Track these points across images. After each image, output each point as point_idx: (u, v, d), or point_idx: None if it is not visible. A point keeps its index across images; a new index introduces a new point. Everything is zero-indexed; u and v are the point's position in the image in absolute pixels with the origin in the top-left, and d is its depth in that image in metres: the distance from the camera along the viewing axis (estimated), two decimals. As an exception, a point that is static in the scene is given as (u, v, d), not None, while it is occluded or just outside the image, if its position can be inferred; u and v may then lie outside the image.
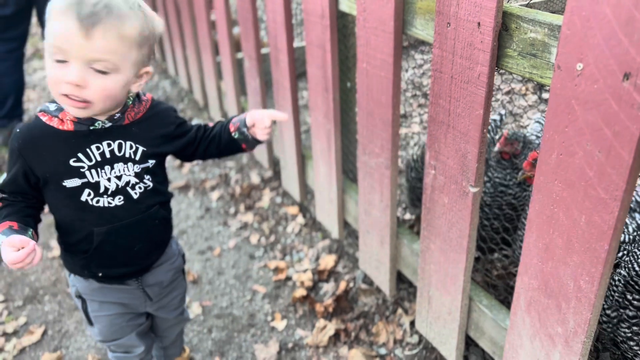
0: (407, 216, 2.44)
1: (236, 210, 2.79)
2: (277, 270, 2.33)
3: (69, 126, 1.18)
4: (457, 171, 1.34)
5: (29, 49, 5.63)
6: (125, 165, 1.24)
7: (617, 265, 1.30)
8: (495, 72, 1.19)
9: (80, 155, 1.19)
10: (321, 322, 2.00)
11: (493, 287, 1.86)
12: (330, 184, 2.14)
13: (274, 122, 1.41)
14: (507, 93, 2.90)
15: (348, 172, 2.26)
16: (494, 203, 1.67)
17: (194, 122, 3.80)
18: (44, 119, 1.19)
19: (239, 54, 3.36)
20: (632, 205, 1.37)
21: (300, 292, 2.14)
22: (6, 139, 3.54)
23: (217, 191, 2.97)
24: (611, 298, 1.24)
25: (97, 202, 1.23)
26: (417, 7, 1.36)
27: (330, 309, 2.04)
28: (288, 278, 2.28)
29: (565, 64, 0.96)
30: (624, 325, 1.20)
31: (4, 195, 1.21)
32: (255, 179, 3.00)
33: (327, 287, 2.19)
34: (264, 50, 3.10)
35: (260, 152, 2.94)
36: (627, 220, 1.34)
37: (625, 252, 1.29)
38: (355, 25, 1.60)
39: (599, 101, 0.92)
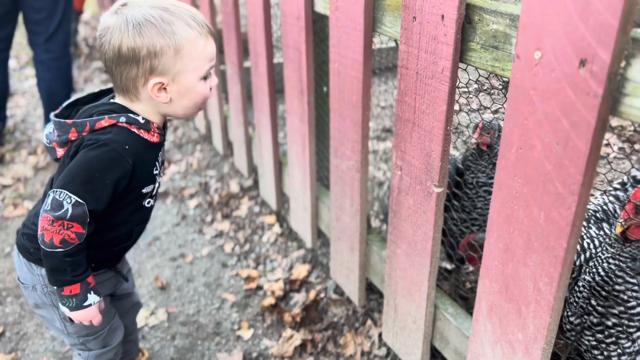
0: (383, 226, 2.40)
1: (213, 218, 2.73)
2: (248, 279, 2.27)
3: (156, 138, 1.24)
4: (422, 171, 1.30)
5: (22, 58, 5.63)
6: (163, 168, 1.33)
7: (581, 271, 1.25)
8: (460, 67, 1.16)
9: (157, 163, 1.27)
10: (288, 332, 1.93)
11: (464, 300, 1.80)
12: (304, 190, 2.09)
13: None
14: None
15: (324, 179, 2.22)
16: (473, 207, 1.61)
17: (179, 130, 3.79)
18: (136, 131, 1.19)
19: (222, 66, 3.35)
20: (600, 216, 1.33)
21: (269, 301, 2.07)
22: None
23: (195, 199, 2.92)
24: (575, 304, 1.19)
25: (149, 203, 1.31)
26: (387, 4, 1.34)
27: (299, 319, 1.98)
28: (259, 287, 2.22)
29: (524, 53, 0.93)
30: (588, 333, 1.15)
31: (85, 233, 1.15)
32: (234, 187, 2.95)
33: (298, 297, 2.12)
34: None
35: (240, 160, 2.90)
36: (594, 232, 1.30)
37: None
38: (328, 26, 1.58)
39: (556, 90, 0.89)
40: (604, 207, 1.31)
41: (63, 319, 1.34)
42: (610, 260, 1.10)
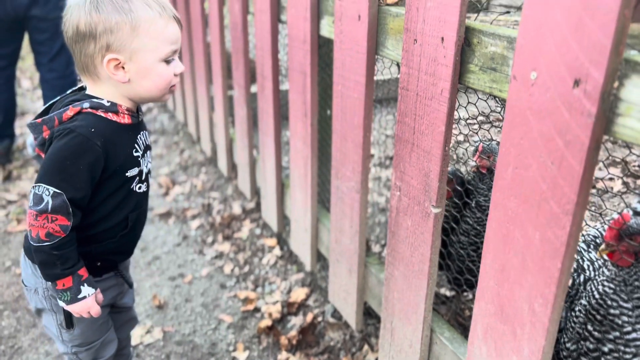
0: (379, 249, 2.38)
1: (214, 239, 2.73)
2: (246, 300, 2.25)
3: (127, 120, 1.24)
4: (420, 191, 1.30)
5: (36, 78, 5.74)
6: (150, 153, 1.35)
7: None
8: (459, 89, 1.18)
9: (136, 145, 1.26)
10: (284, 355, 1.90)
11: (463, 327, 1.78)
12: (305, 211, 2.10)
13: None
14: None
15: (325, 201, 2.23)
16: (472, 231, 1.60)
17: (186, 152, 3.83)
18: (102, 114, 1.20)
19: (230, 91, 3.40)
20: (600, 242, 1.32)
21: (266, 323, 2.05)
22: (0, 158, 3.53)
23: (197, 220, 2.92)
24: (572, 330, 1.17)
25: (139, 188, 1.31)
26: (389, 28, 1.37)
27: (295, 342, 1.95)
28: (257, 309, 2.20)
29: (520, 74, 0.95)
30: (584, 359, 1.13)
31: (70, 225, 1.16)
32: (237, 209, 2.96)
33: (295, 320, 2.10)
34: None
35: (243, 183, 2.92)
36: (593, 257, 1.29)
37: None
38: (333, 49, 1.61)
39: (551, 110, 0.90)
40: (602, 232, 1.30)
41: (59, 325, 1.34)
42: (605, 283, 1.09)
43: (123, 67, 1.17)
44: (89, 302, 1.24)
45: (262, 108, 2.33)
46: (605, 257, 1.12)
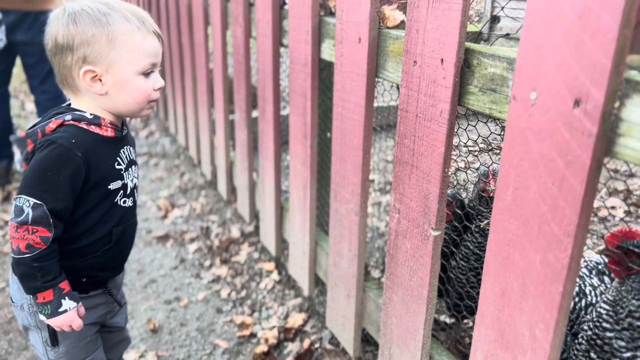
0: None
1: (211, 263, 2.70)
2: (242, 325, 2.21)
3: (110, 133, 1.24)
4: (420, 214, 1.28)
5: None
6: (135, 167, 1.34)
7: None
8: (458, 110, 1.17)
9: (118, 158, 1.26)
10: (279, 382, 1.86)
11: (463, 356, 1.74)
12: (303, 234, 2.07)
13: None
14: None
15: (324, 224, 2.20)
16: (473, 255, 1.57)
17: (186, 176, 3.82)
18: (85, 127, 1.20)
19: (232, 115, 3.42)
20: (602, 268, 1.30)
21: (262, 349, 2.01)
22: None
23: (195, 243, 2.90)
24: (574, 359, 1.14)
25: (124, 202, 1.30)
26: (389, 50, 1.37)
27: (291, 369, 1.91)
28: (253, 335, 2.16)
29: (520, 94, 0.94)
30: (588, 390, 1.09)
31: (51, 237, 1.15)
32: (235, 233, 2.93)
33: (292, 347, 2.06)
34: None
35: (243, 206, 2.90)
36: (595, 282, 1.27)
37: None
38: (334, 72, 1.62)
39: (551, 130, 0.89)
40: (604, 258, 1.28)
41: (44, 342, 1.31)
42: (602, 304, 1.06)
43: (100, 80, 1.18)
44: (70, 316, 1.21)
45: (262, 131, 2.33)
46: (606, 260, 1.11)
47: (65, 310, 1.20)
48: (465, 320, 1.88)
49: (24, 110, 5.69)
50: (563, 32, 0.84)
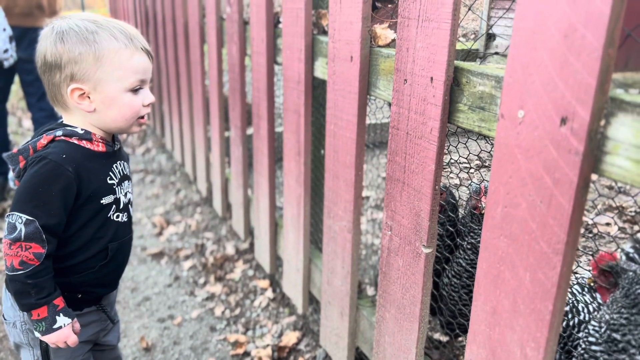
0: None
1: (206, 280, 2.69)
2: (236, 344, 2.19)
3: (101, 148, 1.25)
4: (411, 231, 1.28)
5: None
6: (129, 183, 1.34)
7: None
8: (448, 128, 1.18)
9: (111, 173, 1.27)
10: (272, 401, 1.84)
11: (458, 374, 1.72)
12: (297, 251, 2.07)
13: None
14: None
15: (318, 241, 2.20)
16: (465, 273, 1.56)
17: (182, 192, 3.81)
18: (76, 142, 1.20)
19: (227, 132, 3.43)
20: (594, 285, 1.29)
21: (255, 367, 1.99)
22: (-5, 195, 3.52)
23: (190, 260, 2.88)
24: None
25: (117, 217, 1.29)
26: (381, 69, 1.38)
27: (284, 388, 1.89)
28: (246, 353, 2.14)
29: (508, 112, 0.94)
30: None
31: (44, 253, 1.15)
32: (230, 250, 2.92)
33: (286, 365, 2.04)
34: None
35: (237, 223, 2.89)
36: (587, 299, 1.26)
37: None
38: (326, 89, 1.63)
39: (539, 148, 0.89)
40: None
41: None
42: (592, 322, 1.06)
43: (89, 97, 1.19)
44: (65, 332, 1.20)
45: (257, 147, 2.34)
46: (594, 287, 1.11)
47: (60, 327, 1.19)
48: (459, 338, 1.87)
49: (21, 127, 5.70)
50: (549, 51, 0.85)
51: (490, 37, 2.05)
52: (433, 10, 1.11)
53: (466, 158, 1.55)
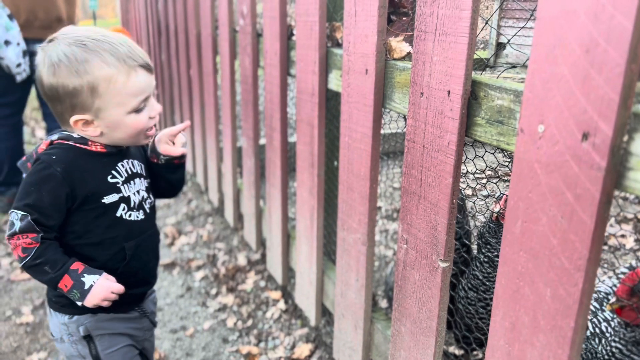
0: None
1: (218, 291, 2.68)
2: (248, 356, 2.18)
3: (99, 149, 1.25)
4: (428, 245, 1.27)
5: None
6: (141, 180, 1.34)
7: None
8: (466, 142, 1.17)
9: (113, 172, 1.27)
10: (286, 415, 1.82)
11: (473, 389, 1.70)
12: (310, 263, 2.06)
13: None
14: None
15: (331, 253, 2.19)
16: (482, 286, 1.54)
17: (193, 202, 3.82)
18: (72, 144, 1.23)
19: (239, 142, 3.44)
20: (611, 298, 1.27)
21: (268, 380, 1.98)
22: (5, 207, 3.54)
23: (202, 271, 2.88)
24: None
25: (130, 216, 1.30)
26: (396, 82, 1.38)
27: (298, 401, 1.87)
28: (259, 365, 2.13)
29: (527, 127, 0.94)
30: None
31: (40, 235, 1.19)
32: (242, 261, 2.92)
33: (299, 378, 2.03)
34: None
35: (249, 233, 2.89)
36: (608, 315, 1.24)
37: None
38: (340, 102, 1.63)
39: (559, 163, 0.88)
40: (614, 288, 1.26)
41: None
42: (613, 343, 1.04)
43: (93, 123, 1.21)
44: (102, 286, 1.22)
45: (269, 159, 2.34)
46: (613, 311, 1.08)
47: (91, 285, 1.21)
48: (475, 352, 1.85)
49: (34, 137, 5.75)
50: (570, 66, 0.84)
51: (500, 46, 2.05)
52: (450, 24, 1.11)
53: (483, 171, 1.54)
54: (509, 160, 1.42)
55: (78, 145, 1.23)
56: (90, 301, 1.22)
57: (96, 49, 1.14)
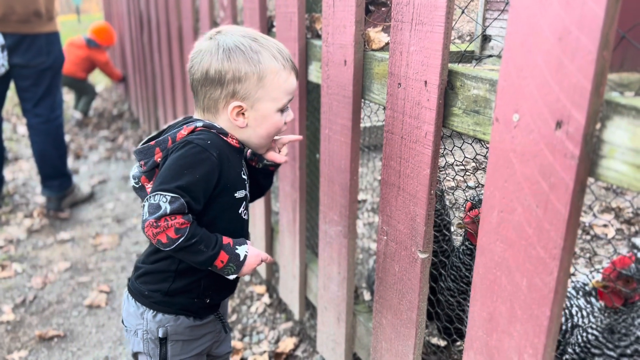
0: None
1: (202, 286, 2.67)
2: (232, 351, 2.17)
3: (235, 143, 1.25)
4: (407, 236, 1.27)
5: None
6: (249, 183, 1.32)
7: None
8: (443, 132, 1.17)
9: (243, 168, 1.28)
10: (269, 409, 1.82)
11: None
12: (294, 257, 2.05)
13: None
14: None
15: (315, 247, 2.18)
16: (464, 279, 1.55)
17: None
18: (216, 132, 1.20)
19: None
20: (588, 289, 1.28)
21: (252, 374, 1.97)
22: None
23: (186, 266, 2.86)
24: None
25: (245, 215, 1.30)
26: (375, 72, 1.37)
27: (281, 395, 1.87)
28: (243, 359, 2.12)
29: (502, 116, 0.93)
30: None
31: (189, 215, 1.14)
32: (226, 256, 2.90)
33: (283, 372, 2.02)
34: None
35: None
36: (582, 303, 1.25)
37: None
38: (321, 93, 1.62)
39: (534, 152, 0.88)
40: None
41: None
42: (589, 330, 1.04)
43: (243, 114, 1.21)
44: (254, 254, 1.23)
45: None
46: (596, 291, 1.09)
47: (245, 255, 1.21)
48: (457, 343, 1.85)
49: (15, 133, 5.67)
50: (543, 54, 0.84)
51: (486, 38, 2.05)
52: (426, 14, 1.10)
53: (462, 162, 1.54)
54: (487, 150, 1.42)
55: (220, 135, 1.21)
56: (244, 272, 1.22)
57: (266, 45, 1.20)
